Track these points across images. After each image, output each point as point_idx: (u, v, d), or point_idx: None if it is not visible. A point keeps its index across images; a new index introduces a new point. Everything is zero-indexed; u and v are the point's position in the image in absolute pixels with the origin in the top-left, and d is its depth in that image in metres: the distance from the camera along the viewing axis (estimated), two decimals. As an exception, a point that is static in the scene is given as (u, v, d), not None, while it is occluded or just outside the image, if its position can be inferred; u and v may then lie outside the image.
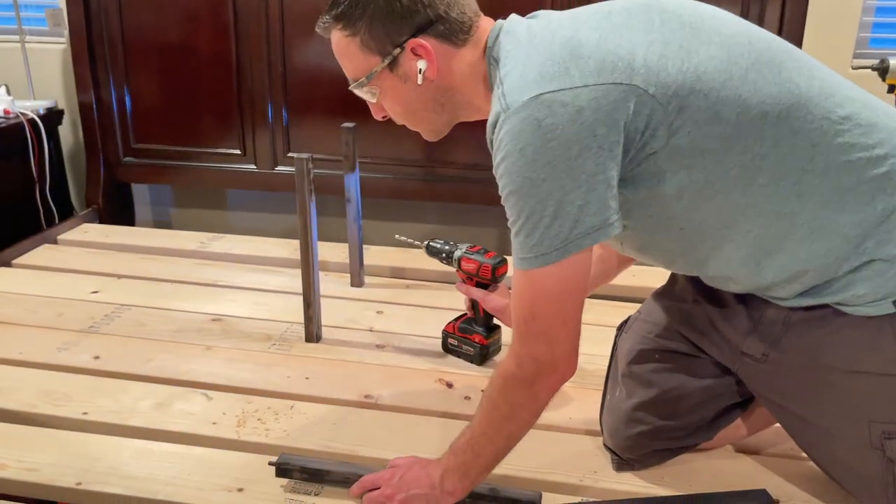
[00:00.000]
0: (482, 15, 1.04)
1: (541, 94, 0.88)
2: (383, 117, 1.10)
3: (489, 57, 1.00)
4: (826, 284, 0.99)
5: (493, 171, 0.95)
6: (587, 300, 1.65)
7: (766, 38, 0.97)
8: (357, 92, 1.06)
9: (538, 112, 0.88)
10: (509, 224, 0.96)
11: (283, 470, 1.16)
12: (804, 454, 1.15)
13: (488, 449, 1.05)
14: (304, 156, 1.50)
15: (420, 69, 1.00)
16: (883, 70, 1.91)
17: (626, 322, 1.29)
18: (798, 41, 2.02)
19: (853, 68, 2.03)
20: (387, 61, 1.01)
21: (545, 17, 1.00)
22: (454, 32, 1.00)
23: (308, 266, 1.56)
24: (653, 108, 0.89)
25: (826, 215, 0.95)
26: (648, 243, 1.03)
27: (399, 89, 1.03)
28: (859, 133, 0.94)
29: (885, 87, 1.93)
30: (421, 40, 0.99)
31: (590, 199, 0.90)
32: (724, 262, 1.02)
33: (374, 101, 1.07)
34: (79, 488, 1.15)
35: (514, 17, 1.03)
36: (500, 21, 1.02)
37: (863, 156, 0.93)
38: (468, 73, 1.02)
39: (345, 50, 1.03)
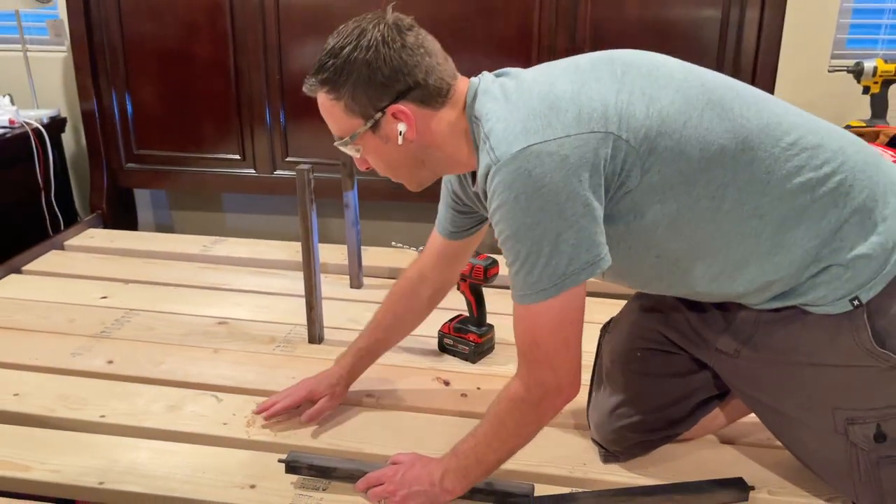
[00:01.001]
0: (459, 76, 1.10)
1: (528, 147, 0.96)
2: (367, 168, 1.16)
3: (469, 115, 1.07)
4: (791, 290, 1.07)
5: (489, 217, 1.04)
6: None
7: (713, 80, 1.06)
8: (342, 149, 1.13)
9: (527, 163, 0.96)
10: (507, 265, 1.04)
11: (292, 467, 1.24)
12: (778, 444, 1.24)
13: (491, 458, 1.13)
14: (305, 166, 1.57)
15: (400, 131, 1.06)
16: (858, 73, 1.99)
17: (609, 322, 1.37)
18: (777, 43, 2.09)
19: (830, 70, 2.10)
20: (369, 124, 1.07)
21: (516, 74, 1.08)
22: (432, 97, 1.06)
23: (310, 270, 1.63)
24: (627, 151, 0.98)
25: (786, 232, 1.03)
26: (626, 271, 1.11)
27: (381, 149, 1.10)
28: (807, 156, 1.02)
29: (861, 88, 2.01)
30: (401, 106, 1.05)
31: (581, 237, 0.98)
32: (696, 281, 1.10)
33: (357, 156, 1.13)
34: (101, 487, 1.23)
35: (486, 75, 1.10)
36: (473, 80, 1.09)
37: (812, 176, 1.02)
38: (448, 132, 1.08)
39: (330, 111, 1.09)
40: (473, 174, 1.13)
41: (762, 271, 1.06)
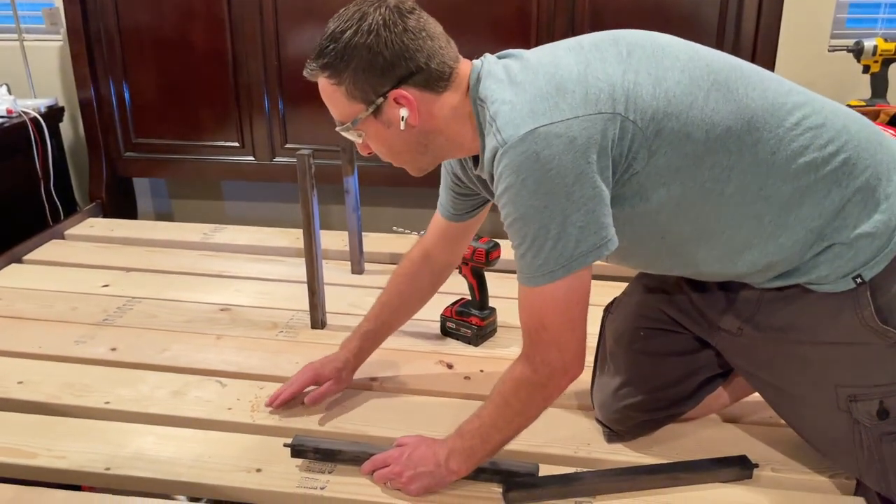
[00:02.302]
0: (462, 59, 1.08)
1: (536, 129, 0.96)
2: (369, 154, 1.15)
3: (474, 98, 1.05)
4: (794, 269, 1.08)
5: (496, 201, 1.04)
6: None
7: (717, 60, 1.05)
8: (344, 134, 1.11)
9: (535, 145, 0.95)
10: (514, 247, 1.04)
11: (297, 451, 1.24)
12: (781, 422, 1.24)
13: (496, 437, 1.14)
14: (306, 152, 1.57)
15: (402, 116, 1.05)
16: (858, 52, 1.99)
17: (612, 303, 1.37)
18: (776, 23, 2.08)
19: (830, 50, 2.10)
20: (370, 110, 1.05)
21: (520, 55, 1.06)
22: (434, 81, 1.05)
23: (312, 256, 1.63)
24: (634, 132, 0.98)
25: (789, 212, 1.03)
26: (630, 252, 1.11)
27: (383, 134, 1.08)
28: (811, 135, 1.02)
29: (861, 67, 2.01)
30: (402, 91, 1.04)
31: (589, 219, 0.98)
32: (700, 262, 1.10)
33: (359, 142, 1.12)
34: (108, 473, 1.23)
35: (488, 57, 1.08)
36: (476, 63, 1.08)
37: (817, 155, 1.02)
38: (451, 116, 1.07)
39: (331, 96, 1.08)
40: (475, 158, 1.13)
41: (766, 251, 1.06)
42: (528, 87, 0.99)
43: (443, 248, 1.39)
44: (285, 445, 1.25)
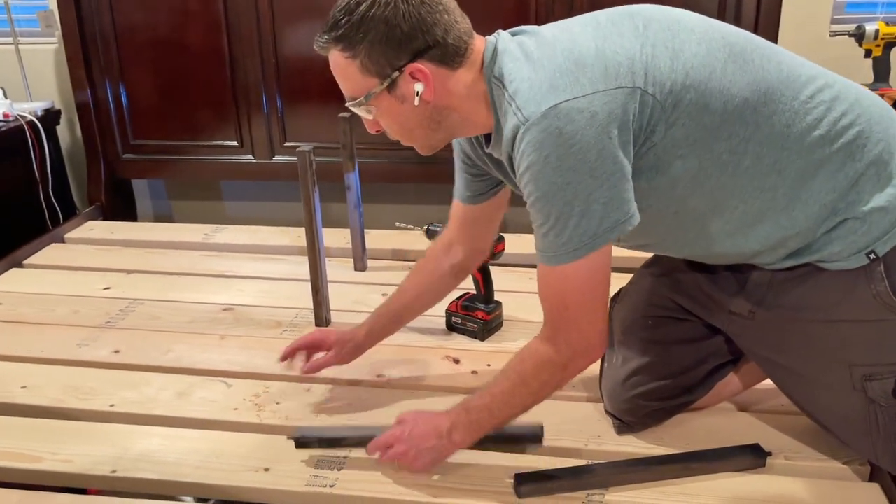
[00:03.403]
0: (475, 35, 1.07)
1: (558, 104, 0.94)
2: (377, 131, 1.13)
3: (489, 77, 1.04)
4: (806, 246, 1.06)
5: (517, 181, 1.02)
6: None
7: (731, 32, 1.04)
8: (354, 109, 1.09)
9: (557, 121, 0.94)
10: (536, 226, 1.02)
11: (302, 443, 1.23)
12: (794, 409, 1.23)
13: (505, 413, 1.14)
14: (306, 148, 1.56)
15: (417, 91, 1.03)
16: (860, 36, 1.97)
17: (619, 293, 1.36)
18: (777, 8, 2.07)
19: (831, 34, 2.08)
20: (385, 84, 1.03)
21: (535, 32, 1.05)
22: (451, 56, 1.03)
23: (315, 253, 1.62)
24: (653, 105, 0.97)
25: (803, 185, 1.02)
26: (644, 230, 1.08)
27: (396, 109, 1.06)
28: (825, 108, 1.02)
29: (862, 52, 1.99)
30: (419, 65, 1.01)
31: (612, 195, 0.97)
32: (713, 238, 1.09)
33: (370, 118, 1.09)
34: (114, 476, 1.22)
35: (502, 34, 1.07)
36: (490, 39, 1.06)
37: (831, 129, 1.01)
38: (465, 94, 1.05)
39: (343, 70, 1.05)
40: (487, 136, 1.11)
41: (778, 226, 1.05)
42: (547, 63, 0.98)
43: (464, 236, 1.36)
44: (289, 438, 1.24)
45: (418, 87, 1.03)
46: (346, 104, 1.09)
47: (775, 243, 1.07)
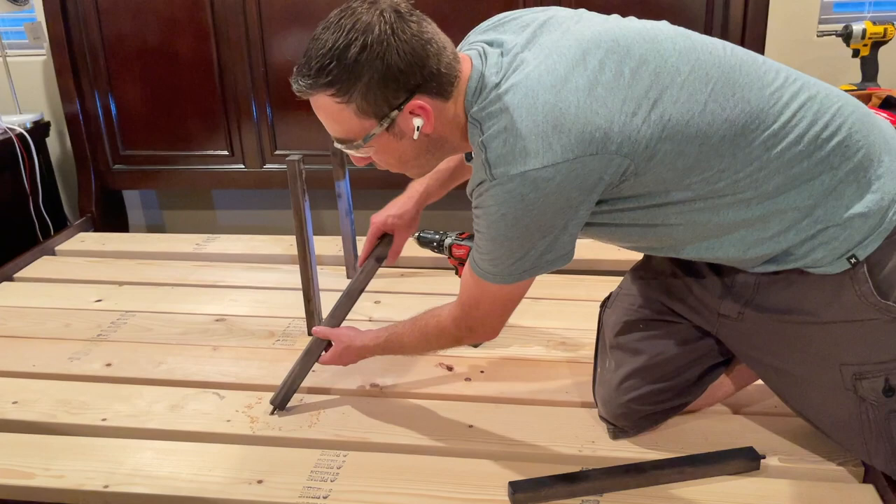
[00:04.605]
0: (459, 57, 1.03)
1: (526, 172, 0.95)
2: (365, 164, 1.11)
3: (469, 115, 1.02)
4: (784, 252, 1.07)
5: (472, 209, 1.04)
6: (577, 276, 1.74)
7: (719, 61, 1.02)
8: (347, 151, 1.06)
9: (523, 188, 0.96)
10: (475, 241, 1.06)
11: (281, 404, 1.38)
12: (787, 411, 1.23)
13: (404, 351, 1.33)
14: (296, 157, 1.55)
15: (417, 126, 1.01)
16: (847, 36, 1.98)
17: (609, 298, 1.36)
18: (764, 9, 2.07)
19: (819, 34, 2.09)
20: (385, 124, 1.00)
21: (520, 66, 1.00)
22: (444, 87, 1.00)
23: (306, 263, 1.61)
24: (626, 166, 0.97)
25: (779, 197, 1.03)
26: (609, 238, 1.14)
27: (394, 146, 1.04)
28: (806, 124, 1.01)
29: (850, 52, 2.00)
30: (418, 101, 0.99)
31: (554, 245, 1.02)
32: (682, 247, 1.10)
33: (363, 157, 1.08)
34: (106, 491, 1.21)
35: (490, 60, 1.02)
36: (476, 67, 1.02)
37: (811, 143, 1.01)
38: (453, 123, 1.05)
39: (336, 115, 1.01)
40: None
41: (752, 235, 1.06)
42: (525, 119, 0.96)
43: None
44: (271, 402, 1.39)
45: (418, 122, 1.01)
46: (337, 146, 1.06)
47: (750, 246, 1.07)
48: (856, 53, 2.00)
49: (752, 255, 1.08)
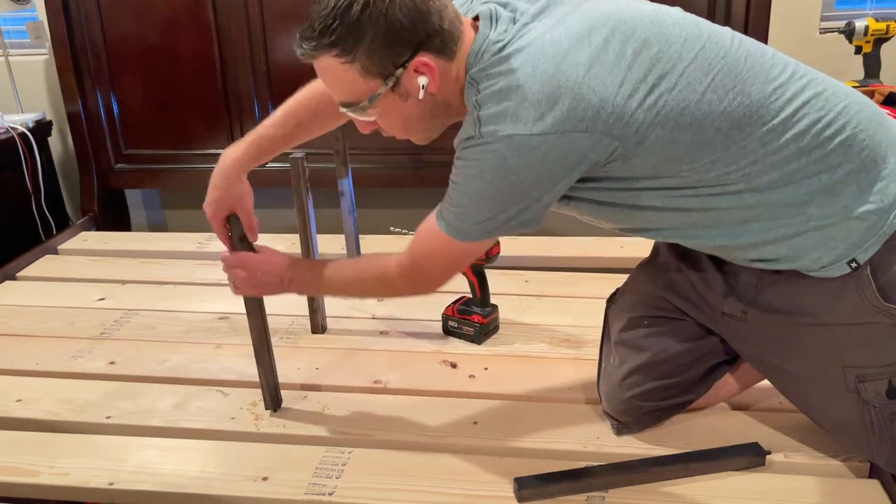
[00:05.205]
0: (461, 17, 1.03)
1: (513, 135, 0.95)
2: (370, 131, 1.10)
3: (468, 75, 1.01)
4: (775, 250, 1.06)
5: (454, 156, 1.03)
6: (580, 273, 1.73)
7: (724, 51, 1.00)
8: (352, 114, 1.05)
9: (507, 150, 0.95)
10: (448, 193, 1.05)
11: (273, 403, 1.38)
12: (792, 407, 1.23)
13: (339, 294, 1.31)
14: (299, 155, 1.55)
15: (422, 85, 1.00)
16: (849, 33, 1.98)
17: (614, 294, 1.36)
18: (766, 6, 2.07)
19: (821, 31, 2.09)
20: (389, 84, 0.99)
21: (526, 33, 0.99)
22: (448, 44, 1.00)
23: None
24: (615, 147, 0.97)
25: (772, 192, 1.02)
26: (597, 215, 1.12)
27: (399, 107, 1.03)
28: (810, 121, 1.00)
29: (853, 48, 2.00)
30: (422, 58, 0.98)
31: (524, 212, 1.02)
32: (668, 231, 1.11)
33: (369, 120, 1.06)
34: (111, 488, 1.21)
35: (499, 30, 1.00)
36: (482, 32, 1.01)
37: (812, 142, 1.00)
38: (456, 85, 1.04)
39: (340, 76, 1.00)
40: None
41: (739, 226, 1.05)
42: (522, 85, 0.95)
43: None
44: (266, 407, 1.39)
45: (422, 80, 1.00)
46: (343, 110, 1.05)
47: (735, 241, 1.07)
48: (858, 50, 2.00)
49: (738, 245, 1.07)
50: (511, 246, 1.69)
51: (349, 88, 1.02)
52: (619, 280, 1.39)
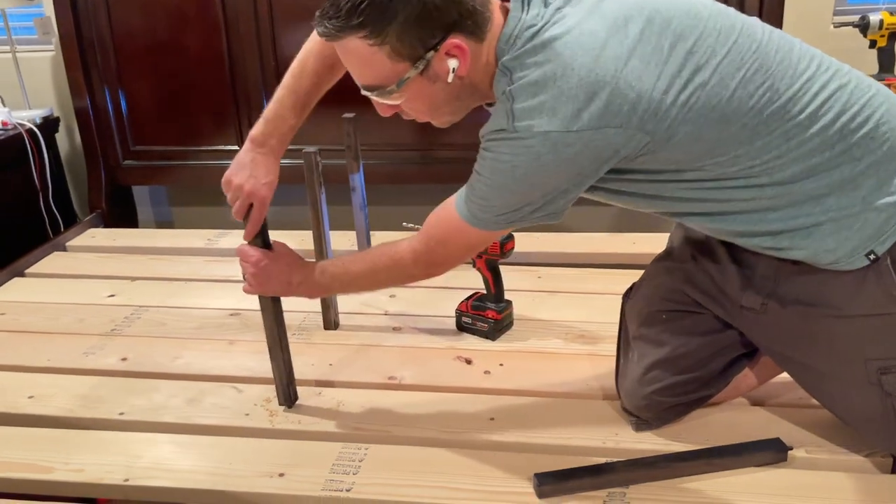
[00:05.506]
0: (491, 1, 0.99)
1: (549, 132, 0.93)
2: (390, 115, 1.07)
3: (501, 62, 0.98)
4: (791, 238, 1.05)
5: (480, 146, 1.01)
6: (593, 271, 1.71)
7: (756, 45, 0.98)
8: (377, 98, 1.01)
9: (542, 147, 0.94)
10: (471, 181, 1.03)
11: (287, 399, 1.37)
12: (812, 402, 1.22)
13: (351, 289, 1.31)
14: (312, 149, 1.54)
15: (452, 68, 0.96)
16: (864, 27, 1.96)
17: (631, 289, 1.35)
18: (780, 1, 2.06)
19: (835, 25, 2.07)
20: (420, 67, 0.95)
21: (561, 20, 0.95)
22: (479, 26, 0.96)
23: (322, 255, 1.60)
24: (646, 142, 0.96)
25: (794, 185, 1.01)
26: (616, 201, 1.11)
27: (427, 90, 1.00)
28: (834, 114, 0.99)
29: (867, 42, 1.98)
30: (455, 40, 0.94)
31: (549, 204, 1.01)
32: (688, 218, 1.10)
33: (394, 104, 1.03)
34: (127, 484, 1.20)
35: (531, 14, 0.97)
36: (513, 15, 0.97)
37: (836, 135, 0.99)
38: (485, 69, 1.00)
39: (367, 59, 0.96)
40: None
41: (758, 215, 1.05)
42: (560, 78, 0.92)
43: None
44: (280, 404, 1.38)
45: (453, 63, 0.96)
46: (366, 93, 1.01)
47: (754, 228, 1.06)
48: (873, 44, 1.98)
49: (754, 232, 1.06)
50: (522, 242, 1.67)
51: (375, 72, 0.97)
52: (632, 276, 1.38)
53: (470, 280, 1.66)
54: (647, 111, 0.93)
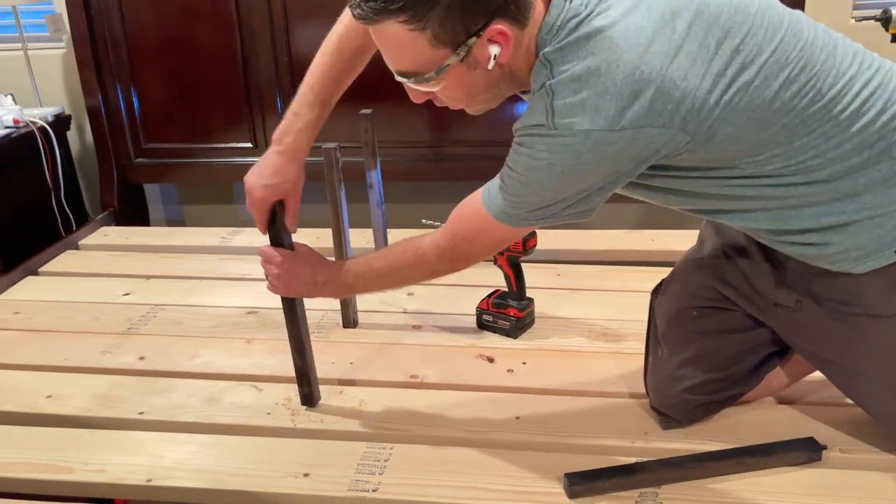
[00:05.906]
0: None
1: (591, 131, 0.90)
2: (422, 101, 1.02)
3: (541, 54, 0.94)
4: (824, 232, 1.02)
5: (513, 139, 0.99)
6: (613, 268, 1.69)
7: (802, 43, 0.94)
8: (414, 85, 0.96)
9: (583, 146, 0.91)
10: (502, 175, 1.01)
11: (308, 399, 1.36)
12: (845, 401, 1.20)
13: (375, 287, 1.27)
14: (331, 145, 1.53)
15: (494, 55, 0.92)
16: (886, 20, 1.93)
17: (660, 285, 1.32)
18: (800, -5, 2.04)
19: (855, 19, 2.05)
20: (461, 53, 0.91)
21: (606, 10, 0.91)
22: (522, 11, 0.91)
23: (342, 253, 1.58)
24: (686, 142, 0.93)
25: (830, 184, 0.99)
26: (646, 196, 1.09)
27: (465, 77, 0.95)
28: (875, 113, 0.96)
29: (889, 36, 1.96)
30: (498, 25, 0.90)
31: (583, 202, 0.99)
32: (720, 214, 1.08)
33: (432, 90, 0.99)
34: (150, 485, 1.18)
35: (574, 4, 0.92)
36: (556, 4, 0.93)
37: (876, 134, 0.96)
38: (525, 57, 0.97)
39: (406, 45, 0.91)
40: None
41: (791, 212, 1.02)
42: (604, 75, 0.88)
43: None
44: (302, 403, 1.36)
45: (494, 50, 0.91)
46: (401, 79, 0.97)
47: (786, 224, 1.03)
48: (894, 38, 1.96)
49: (785, 230, 1.04)
50: (541, 239, 1.65)
51: (414, 58, 0.92)
52: (653, 273, 1.36)
53: (489, 277, 1.64)
54: (691, 111, 0.90)
